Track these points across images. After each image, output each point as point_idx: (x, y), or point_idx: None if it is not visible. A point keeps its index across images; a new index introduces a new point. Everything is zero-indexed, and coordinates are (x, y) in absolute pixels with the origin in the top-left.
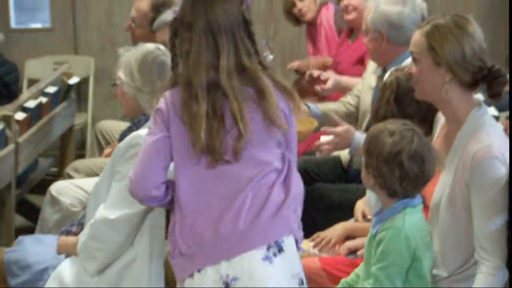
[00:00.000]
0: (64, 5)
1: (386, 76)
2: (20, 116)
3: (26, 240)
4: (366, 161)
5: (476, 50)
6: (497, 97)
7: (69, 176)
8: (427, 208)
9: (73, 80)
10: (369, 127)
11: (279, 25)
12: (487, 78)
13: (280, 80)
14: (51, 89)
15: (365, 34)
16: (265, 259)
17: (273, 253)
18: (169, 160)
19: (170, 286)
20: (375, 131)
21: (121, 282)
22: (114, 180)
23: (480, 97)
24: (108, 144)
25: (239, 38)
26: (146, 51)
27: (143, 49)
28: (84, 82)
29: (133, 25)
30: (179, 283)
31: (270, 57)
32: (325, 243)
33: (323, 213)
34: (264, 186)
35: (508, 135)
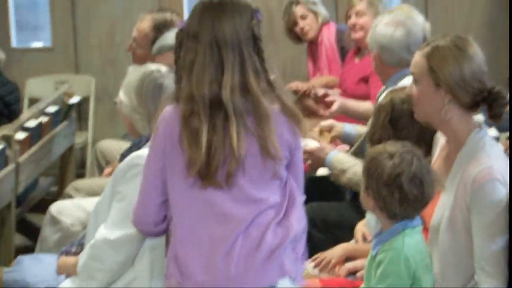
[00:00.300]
0: (65, 25)
1: (382, 98)
2: (21, 136)
3: (25, 260)
4: (366, 183)
5: (476, 72)
6: (498, 119)
7: (69, 196)
8: (427, 230)
9: (74, 100)
10: (358, 151)
11: (280, 45)
12: (487, 100)
13: (288, 104)
14: (52, 109)
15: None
16: None
17: None
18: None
19: None
20: (375, 153)
21: None
22: (115, 200)
23: (481, 118)
24: (109, 164)
25: (247, 55)
26: (144, 73)
27: (143, 70)
28: (85, 102)
29: (134, 45)
30: None
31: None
32: (325, 264)
33: (322, 232)
34: (257, 228)
35: (508, 156)
